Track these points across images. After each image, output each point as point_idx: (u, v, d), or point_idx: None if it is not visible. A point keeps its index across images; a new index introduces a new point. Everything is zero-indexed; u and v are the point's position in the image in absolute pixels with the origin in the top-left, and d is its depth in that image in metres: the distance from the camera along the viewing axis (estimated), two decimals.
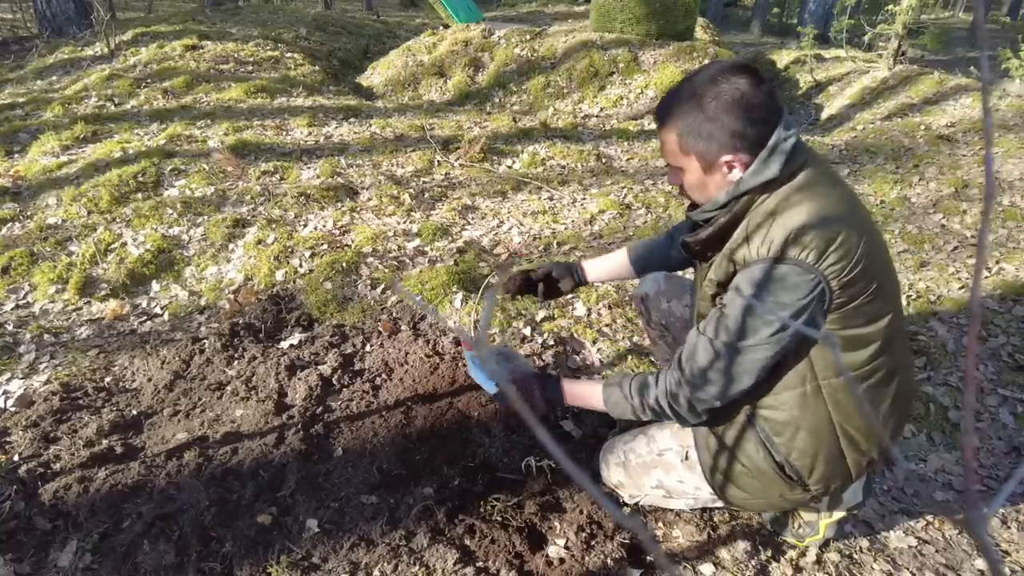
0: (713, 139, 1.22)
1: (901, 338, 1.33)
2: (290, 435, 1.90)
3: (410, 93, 6.27)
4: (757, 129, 1.20)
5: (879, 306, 1.24)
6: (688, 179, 1.32)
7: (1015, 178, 3.74)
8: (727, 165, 1.25)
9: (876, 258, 1.22)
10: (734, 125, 1.20)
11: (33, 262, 2.88)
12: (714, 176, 1.28)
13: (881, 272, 1.23)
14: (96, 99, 4.87)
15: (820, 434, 1.31)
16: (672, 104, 1.26)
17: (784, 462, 1.36)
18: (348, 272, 2.77)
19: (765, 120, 1.21)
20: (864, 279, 1.19)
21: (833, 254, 1.15)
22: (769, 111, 1.21)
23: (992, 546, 0.30)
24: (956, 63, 9.48)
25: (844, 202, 1.23)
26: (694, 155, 1.26)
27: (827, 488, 1.38)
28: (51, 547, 1.58)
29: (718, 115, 1.20)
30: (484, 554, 1.56)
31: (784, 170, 1.21)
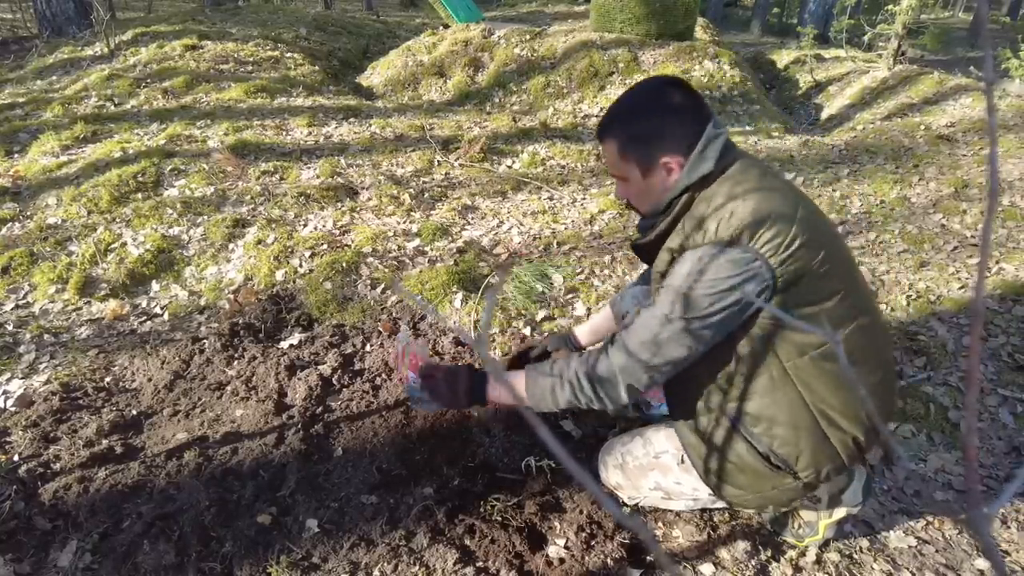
0: (649, 142, 1.32)
1: (865, 315, 1.33)
2: (290, 435, 1.90)
3: (410, 93, 6.27)
4: (688, 130, 1.30)
5: (829, 284, 1.26)
6: (632, 188, 1.41)
7: (1015, 178, 3.74)
8: (665, 167, 1.33)
9: (818, 237, 1.25)
10: (667, 128, 1.31)
11: (33, 262, 2.87)
12: (654, 180, 1.35)
13: (827, 250, 1.25)
14: (96, 99, 4.87)
15: (797, 419, 1.32)
16: (610, 117, 1.37)
17: (769, 452, 1.36)
18: (348, 272, 2.77)
19: (695, 122, 1.31)
20: (806, 257, 1.22)
21: (767, 233, 1.20)
22: (698, 115, 1.31)
23: (995, 546, 0.30)
24: (956, 63, 9.48)
25: (776, 188, 1.29)
26: (633, 161, 1.35)
27: (818, 474, 1.36)
28: (51, 547, 1.58)
29: (651, 121, 1.31)
30: (484, 554, 1.56)
31: (718, 164, 1.29)
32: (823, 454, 1.34)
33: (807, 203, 1.31)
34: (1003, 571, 0.33)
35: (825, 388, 1.30)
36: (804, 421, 1.32)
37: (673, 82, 1.34)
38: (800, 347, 1.28)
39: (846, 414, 1.32)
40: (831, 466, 1.36)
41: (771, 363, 1.30)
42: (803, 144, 4.62)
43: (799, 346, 1.28)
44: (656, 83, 1.35)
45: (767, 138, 4.97)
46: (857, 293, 1.33)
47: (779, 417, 1.33)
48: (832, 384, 1.30)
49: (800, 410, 1.31)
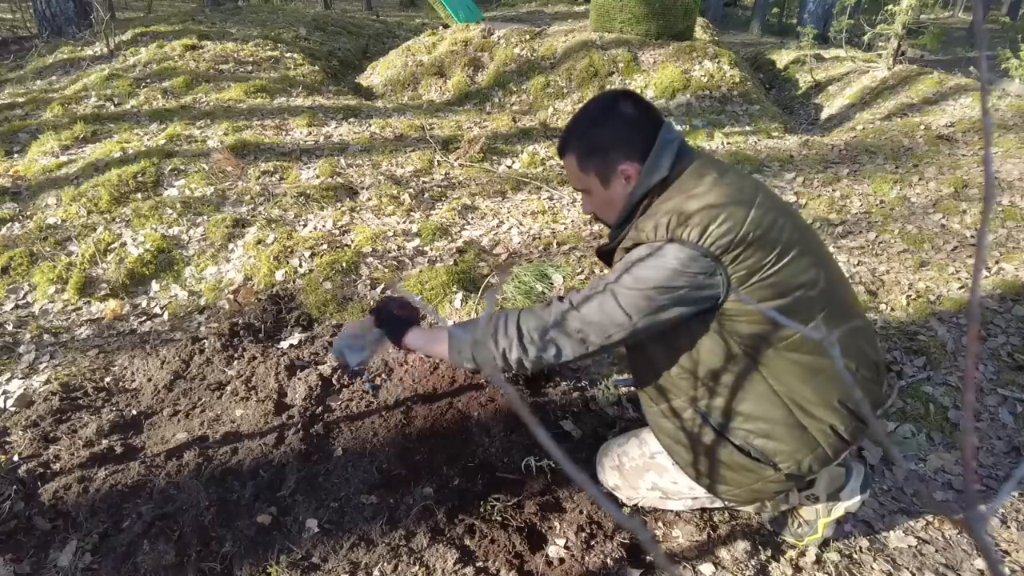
0: (606, 151, 1.36)
1: (834, 309, 1.33)
2: (290, 435, 1.90)
3: (410, 93, 6.27)
4: (641, 137, 1.34)
5: (789, 276, 1.26)
6: (595, 200, 1.44)
7: (1014, 178, 3.74)
8: (623, 175, 1.36)
9: (776, 230, 1.25)
10: (621, 136, 1.35)
11: (33, 262, 2.87)
12: (614, 188, 1.39)
13: (787, 243, 1.26)
14: (96, 99, 4.87)
15: (769, 411, 1.32)
16: (568, 133, 1.41)
17: (746, 446, 1.35)
18: (348, 272, 2.77)
19: (647, 129, 1.35)
20: (760, 251, 1.23)
21: (717, 229, 1.21)
22: (649, 123, 1.36)
23: (992, 546, 0.30)
24: (956, 63, 9.48)
25: (732, 185, 1.30)
26: (593, 172, 1.39)
27: (799, 464, 1.34)
28: (51, 547, 1.58)
29: (606, 131, 1.36)
30: (484, 554, 1.56)
31: (673, 169, 1.33)
32: (802, 444, 1.33)
33: (768, 199, 1.31)
34: (998, 571, 0.33)
35: (795, 379, 1.30)
36: (777, 413, 1.32)
37: (624, 94, 1.38)
38: (764, 340, 1.28)
39: (819, 403, 1.31)
40: (812, 456, 1.34)
41: (736, 357, 1.31)
42: (803, 144, 4.62)
43: (763, 339, 1.28)
44: (608, 96, 1.39)
45: (767, 138, 4.97)
46: (823, 286, 1.31)
47: (751, 411, 1.33)
48: (801, 374, 1.30)
49: (771, 402, 1.31)
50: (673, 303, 1.25)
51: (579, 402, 2.11)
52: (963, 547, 1.73)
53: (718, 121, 5.33)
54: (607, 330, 1.28)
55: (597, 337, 1.29)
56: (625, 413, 2.07)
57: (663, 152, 1.33)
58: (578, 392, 2.15)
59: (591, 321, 1.29)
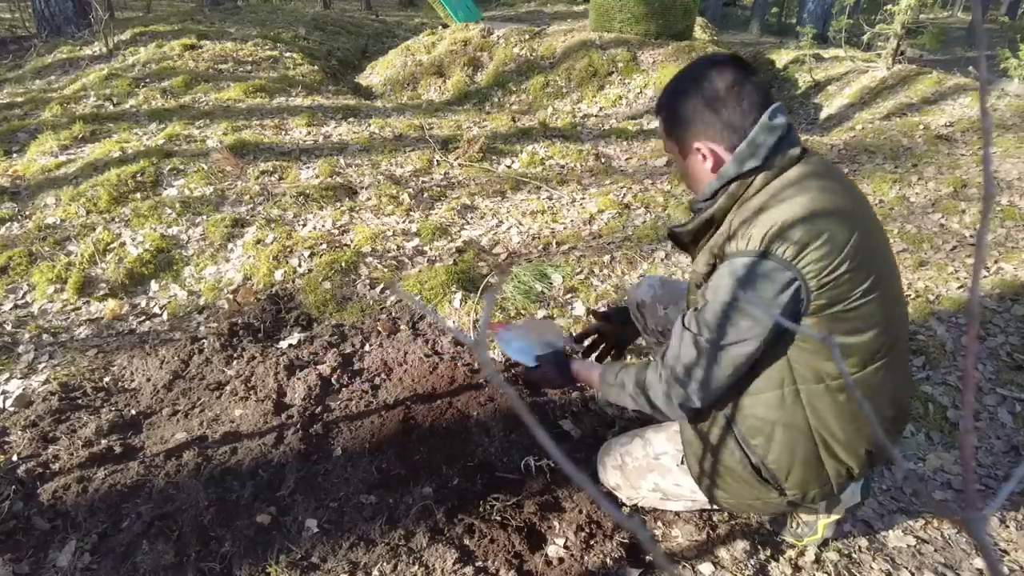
0: (686, 124, 1.28)
1: (894, 355, 1.27)
2: (289, 435, 1.90)
3: (409, 93, 6.27)
4: (732, 118, 1.22)
5: (867, 315, 1.19)
6: (678, 166, 1.38)
7: (1014, 177, 3.74)
8: (699, 153, 1.28)
9: (868, 264, 1.17)
10: (700, 114, 1.25)
11: (32, 262, 2.87)
12: (692, 163, 1.32)
13: (875, 279, 1.18)
14: (95, 99, 4.86)
15: (797, 439, 1.29)
16: (663, 93, 1.33)
17: (760, 464, 1.33)
18: (347, 272, 2.77)
19: (744, 110, 1.22)
20: (848, 285, 1.15)
21: (814, 252, 1.12)
22: (750, 101, 1.22)
23: (991, 546, 0.30)
24: (955, 63, 9.48)
25: (836, 201, 1.19)
26: (674, 140, 1.33)
27: (804, 494, 1.34)
28: (50, 547, 1.58)
29: (688, 104, 1.26)
30: (483, 554, 1.56)
31: (771, 161, 1.22)
32: (813, 478, 1.32)
33: (866, 218, 1.23)
34: (997, 570, 0.33)
35: (833, 418, 1.26)
36: (803, 442, 1.29)
37: (724, 62, 1.25)
38: (818, 374, 1.24)
39: (847, 447, 1.29)
40: (818, 490, 1.34)
41: (786, 381, 1.27)
42: None
43: (817, 372, 1.24)
44: (705, 63, 1.27)
45: None
46: (892, 328, 1.25)
47: (778, 434, 1.30)
48: (841, 416, 1.26)
49: (803, 431, 1.28)
50: (765, 332, 1.19)
51: (578, 402, 2.11)
52: (962, 546, 1.73)
53: None
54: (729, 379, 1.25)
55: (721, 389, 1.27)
56: (624, 412, 2.07)
57: (759, 140, 1.21)
58: (577, 392, 2.15)
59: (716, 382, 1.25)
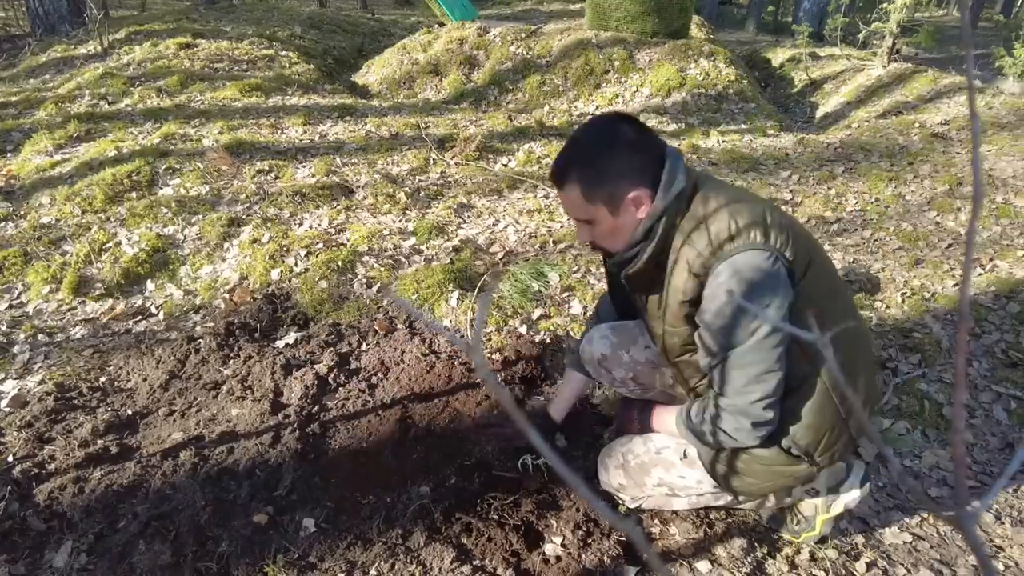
0: (615, 180, 1.30)
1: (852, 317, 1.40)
2: (286, 434, 1.90)
3: (405, 91, 6.26)
4: (649, 161, 1.31)
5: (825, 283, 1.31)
6: (600, 229, 1.38)
7: (1008, 176, 3.76)
8: (633, 202, 1.31)
9: (802, 240, 1.29)
10: (629, 163, 1.30)
11: (27, 262, 2.86)
12: (623, 217, 1.34)
13: (811, 249, 1.31)
14: (89, 98, 4.84)
15: (824, 410, 1.33)
16: (566, 162, 1.34)
17: (791, 444, 1.36)
18: (344, 271, 2.77)
19: (653, 151, 1.32)
20: (803, 254, 1.26)
21: (772, 230, 1.23)
22: (653, 144, 1.33)
23: (981, 544, 0.30)
24: (950, 61, 9.51)
25: (752, 196, 1.35)
26: (600, 202, 1.33)
27: (832, 457, 1.39)
28: (46, 548, 1.57)
29: (612, 158, 1.30)
30: (481, 552, 1.56)
31: (688, 182, 1.32)
32: (839, 437, 1.37)
33: (774, 205, 1.39)
34: (989, 568, 0.33)
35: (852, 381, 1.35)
36: (828, 410, 1.33)
37: (622, 117, 1.34)
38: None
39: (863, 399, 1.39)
40: (843, 448, 1.40)
41: (801, 364, 1.30)
42: (798, 142, 4.63)
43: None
44: (606, 121, 1.34)
45: (762, 136, 4.98)
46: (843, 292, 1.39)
47: (807, 409, 1.33)
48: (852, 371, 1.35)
49: (827, 402, 1.33)
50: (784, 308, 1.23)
51: (576, 401, 2.11)
52: (958, 543, 1.74)
53: (714, 119, 5.33)
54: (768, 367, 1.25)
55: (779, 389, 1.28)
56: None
57: (676, 169, 1.30)
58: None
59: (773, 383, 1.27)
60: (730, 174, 3.98)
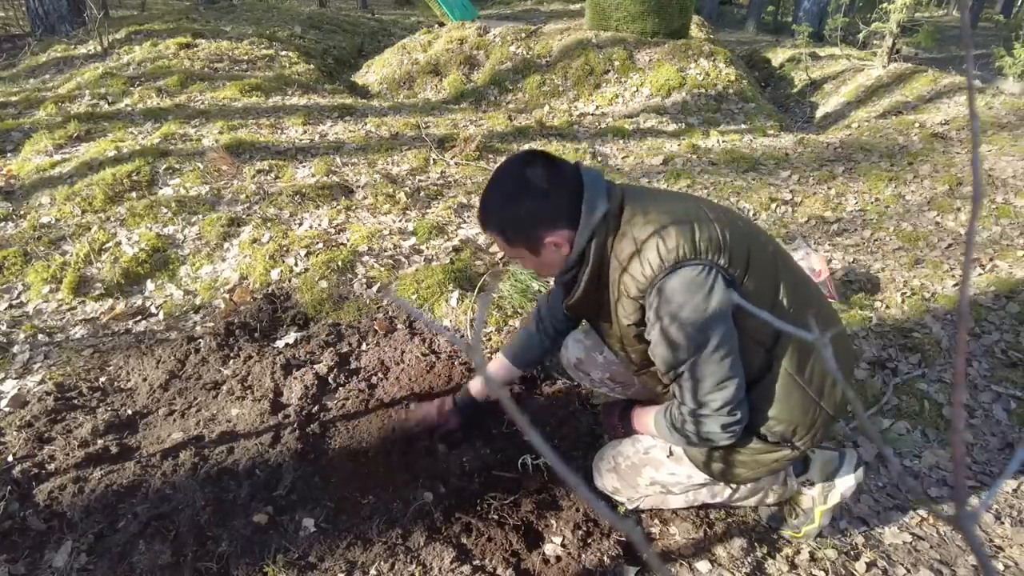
0: (530, 227, 1.32)
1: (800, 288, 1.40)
2: (286, 434, 1.90)
3: (405, 91, 6.26)
4: (563, 200, 1.31)
5: (762, 275, 1.32)
6: (528, 265, 1.43)
7: (1008, 176, 3.76)
8: (552, 245, 1.34)
9: (737, 231, 1.30)
10: (540, 210, 1.31)
11: (27, 261, 2.86)
12: (546, 255, 1.37)
13: (746, 242, 1.31)
14: (89, 97, 4.84)
15: (792, 398, 1.35)
16: (484, 212, 1.38)
17: (767, 433, 1.39)
18: (343, 271, 2.77)
19: (566, 185, 1.31)
20: (739, 249, 1.28)
21: (701, 241, 1.25)
22: (564, 181, 1.31)
23: (980, 545, 0.30)
24: (950, 61, 9.51)
25: (680, 200, 1.37)
26: (521, 246, 1.36)
27: (813, 438, 1.41)
28: (46, 547, 1.57)
29: (523, 207, 1.31)
30: (481, 552, 1.56)
31: (612, 202, 1.32)
32: (817, 419, 1.38)
33: (708, 202, 1.40)
34: (989, 568, 0.33)
35: (815, 361, 1.34)
36: (797, 401, 1.35)
37: (529, 159, 1.33)
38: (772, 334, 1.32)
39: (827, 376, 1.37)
40: (822, 427, 1.41)
41: (758, 353, 1.33)
42: (798, 142, 4.63)
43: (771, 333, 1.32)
44: (514, 167, 1.34)
45: (762, 136, 4.98)
46: (782, 265, 1.38)
47: (774, 399, 1.35)
48: (817, 356, 1.34)
49: (793, 391, 1.34)
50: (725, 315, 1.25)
51: (575, 401, 2.11)
52: (957, 543, 1.74)
53: (714, 119, 5.33)
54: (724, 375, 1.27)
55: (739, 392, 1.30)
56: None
57: (595, 195, 1.31)
58: (574, 391, 2.16)
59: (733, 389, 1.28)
60: (730, 174, 3.98)
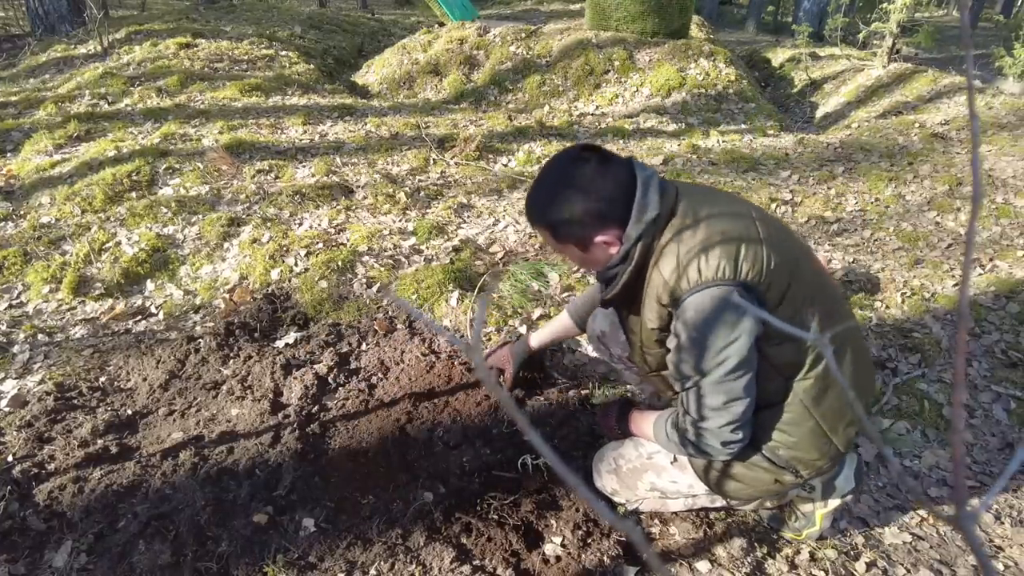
0: (581, 225, 1.30)
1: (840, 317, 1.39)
2: (286, 434, 1.90)
3: (405, 91, 6.26)
4: (614, 199, 1.28)
5: (801, 298, 1.29)
6: (573, 260, 1.42)
7: (1008, 176, 3.76)
8: (603, 244, 1.32)
9: (783, 255, 1.27)
10: (591, 207, 1.28)
11: (27, 261, 2.86)
12: (594, 252, 1.35)
13: (791, 265, 1.28)
14: (89, 97, 4.84)
15: (802, 427, 1.35)
16: (533, 207, 1.35)
17: (773, 456, 1.39)
18: (343, 271, 2.77)
19: (618, 187, 1.28)
20: (781, 277, 1.26)
21: (744, 263, 1.22)
22: (618, 178, 1.29)
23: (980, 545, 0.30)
24: (950, 61, 9.51)
25: (733, 212, 1.31)
26: (570, 243, 1.34)
27: (819, 471, 1.42)
28: (46, 547, 1.57)
29: (574, 206, 1.28)
30: (481, 552, 1.56)
31: (663, 206, 1.29)
32: (824, 454, 1.39)
33: (762, 216, 1.34)
34: (989, 568, 0.33)
35: (832, 395, 1.33)
36: (807, 429, 1.35)
37: (582, 155, 1.30)
38: (796, 360, 1.31)
39: (841, 411, 1.36)
40: (829, 462, 1.42)
41: (774, 378, 1.33)
42: (798, 142, 4.63)
43: (795, 359, 1.31)
44: (565, 162, 1.31)
45: (762, 136, 4.98)
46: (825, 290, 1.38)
47: (786, 427, 1.36)
48: (835, 389, 1.33)
49: (805, 421, 1.35)
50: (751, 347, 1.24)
51: (575, 401, 2.11)
52: (957, 543, 1.74)
53: (713, 119, 5.33)
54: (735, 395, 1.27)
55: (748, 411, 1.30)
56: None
57: (646, 198, 1.28)
58: (574, 391, 2.16)
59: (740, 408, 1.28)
60: (730, 174, 3.98)
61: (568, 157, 1.32)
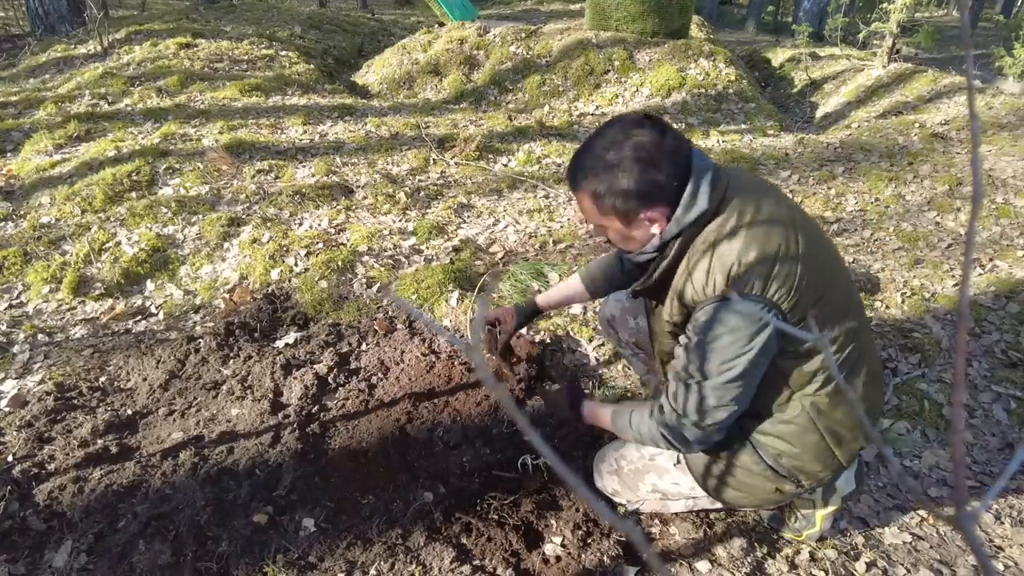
0: (628, 197, 1.21)
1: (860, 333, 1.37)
2: (286, 434, 1.90)
3: (405, 91, 6.25)
4: (668, 177, 1.21)
5: (827, 314, 1.28)
6: (612, 235, 1.34)
7: (1008, 176, 3.76)
8: (648, 219, 1.25)
9: (819, 267, 1.24)
10: (645, 180, 1.20)
11: (26, 261, 2.86)
12: (636, 230, 1.28)
13: (824, 281, 1.26)
14: (89, 97, 4.84)
15: (806, 439, 1.35)
16: (581, 168, 1.26)
17: (776, 464, 1.39)
18: (343, 271, 2.77)
19: (675, 166, 1.21)
20: (810, 296, 1.22)
21: (775, 281, 1.19)
22: (677, 155, 1.21)
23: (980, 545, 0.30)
24: (950, 61, 9.51)
25: (776, 219, 1.24)
26: (612, 214, 1.26)
27: (820, 481, 1.42)
28: (46, 547, 1.57)
29: (627, 174, 1.20)
30: (481, 552, 1.56)
31: (712, 202, 1.23)
32: (827, 466, 1.39)
33: (804, 225, 1.28)
34: (989, 568, 0.33)
35: (840, 411, 1.33)
36: (812, 440, 1.35)
37: (643, 124, 1.22)
38: (805, 378, 1.31)
39: (855, 429, 1.36)
40: (831, 474, 1.42)
41: (782, 389, 1.33)
42: (798, 142, 4.63)
43: (804, 377, 1.31)
44: (625, 127, 1.22)
45: (762, 136, 4.98)
46: (852, 307, 1.36)
47: (789, 437, 1.36)
48: (844, 405, 1.33)
49: (810, 431, 1.34)
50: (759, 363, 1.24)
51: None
52: (957, 543, 1.74)
53: (713, 119, 5.33)
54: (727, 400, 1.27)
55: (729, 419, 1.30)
56: None
57: (700, 187, 1.22)
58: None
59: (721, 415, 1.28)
60: None
61: (627, 123, 1.23)
